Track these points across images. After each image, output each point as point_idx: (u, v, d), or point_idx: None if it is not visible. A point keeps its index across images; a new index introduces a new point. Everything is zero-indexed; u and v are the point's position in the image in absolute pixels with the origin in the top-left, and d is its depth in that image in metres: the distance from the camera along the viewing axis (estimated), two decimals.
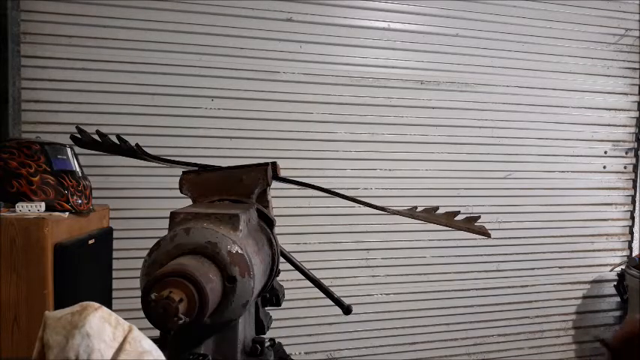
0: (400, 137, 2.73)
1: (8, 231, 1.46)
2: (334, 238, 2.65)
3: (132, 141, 1.08)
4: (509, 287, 2.95)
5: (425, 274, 2.81)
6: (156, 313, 0.56)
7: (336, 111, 2.62)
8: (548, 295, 3.03)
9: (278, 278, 0.98)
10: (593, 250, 3.11)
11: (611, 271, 3.12)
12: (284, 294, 0.99)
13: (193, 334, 0.72)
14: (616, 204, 3.13)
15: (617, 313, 3.18)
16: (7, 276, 1.47)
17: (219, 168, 0.98)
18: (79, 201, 1.67)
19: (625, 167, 3.13)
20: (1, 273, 1.46)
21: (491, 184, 2.88)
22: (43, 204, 1.56)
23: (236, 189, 0.93)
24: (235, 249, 0.67)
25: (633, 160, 3.13)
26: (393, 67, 2.69)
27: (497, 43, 2.83)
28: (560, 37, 2.94)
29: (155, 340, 0.64)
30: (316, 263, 2.55)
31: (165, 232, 0.71)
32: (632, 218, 3.15)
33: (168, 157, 1.12)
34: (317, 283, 1.04)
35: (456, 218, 1.10)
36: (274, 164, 1.01)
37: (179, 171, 0.99)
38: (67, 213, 1.60)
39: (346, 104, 2.63)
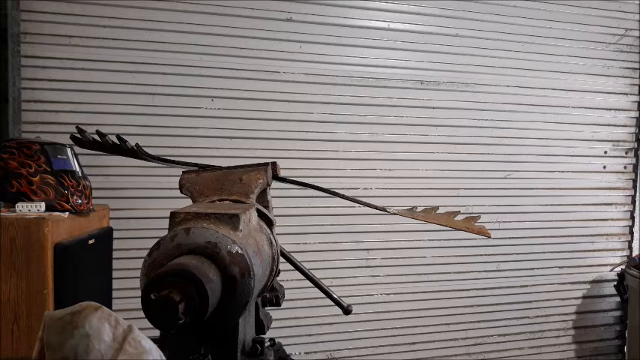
0: (400, 137, 2.73)
1: (8, 231, 1.47)
2: (334, 238, 2.65)
3: (132, 141, 1.08)
4: (509, 287, 2.95)
5: (425, 274, 2.81)
6: (156, 313, 0.56)
7: (336, 111, 2.62)
8: (548, 295, 3.03)
9: (278, 278, 0.98)
10: (593, 250, 3.11)
11: (611, 271, 3.12)
12: (284, 294, 0.99)
13: (193, 334, 0.72)
14: (616, 204, 3.13)
15: (617, 313, 3.18)
16: (7, 276, 1.47)
17: (219, 168, 0.98)
18: (79, 201, 1.67)
19: (625, 167, 3.13)
20: (1, 273, 1.46)
21: (491, 184, 2.88)
22: (43, 204, 1.56)
23: (236, 189, 0.93)
24: (235, 249, 0.67)
25: (633, 160, 3.13)
26: (393, 67, 2.69)
27: (497, 43, 2.83)
28: (560, 37, 2.94)
29: (155, 340, 0.64)
30: (316, 263, 2.55)
31: (165, 232, 0.70)
32: (632, 218, 3.15)
33: (168, 157, 1.12)
34: (317, 284, 1.04)
35: (455, 218, 1.10)
36: (274, 164, 1.01)
37: (179, 171, 0.99)
38: (67, 213, 1.60)
39: (346, 104, 2.63)
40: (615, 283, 3.07)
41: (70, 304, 0.58)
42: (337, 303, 1.04)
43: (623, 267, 3.03)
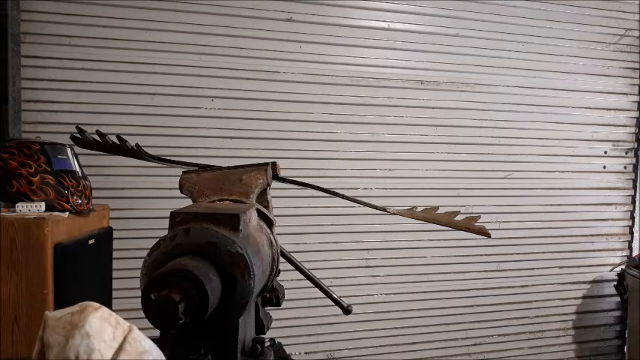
0: (400, 137, 2.73)
1: (8, 231, 1.47)
2: (334, 238, 2.65)
3: (132, 141, 1.08)
4: (509, 287, 2.95)
5: (425, 274, 2.81)
6: (156, 313, 0.56)
7: (336, 111, 2.62)
8: (548, 295, 3.03)
9: (278, 278, 0.98)
10: (593, 250, 3.11)
11: (611, 271, 3.12)
12: (284, 294, 0.99)
13: (193, 334, 0.72)
14: (616, 204, 3.13)
15: (617, 313, 3.18)
16: (7, 276, 1.47)
17: (219, 168, 0.98)
18: (79, 201, 1.67)
19: (625, 167, 3.13)
20: (1, 273, 1.47)
21: (491, 184, 2.88)
22: (43, 204, 1.56)
23: (236, 189, 0.93)
24: (235, 249, 0.67)
25: (633, 160, 3.13)
26: (393, 67, 2.69)
27: (497, 43, 2.84)
28: (560, 37, 2.94)
29: (155, 340, 0.64)
30: (316, 263, 2.55)
31: (165, 232, 0.70)
32: (632, 218, 3.15)
33: (168, 157, 1.12)
34: (317, 284, 1.04)
35: (456, 218, 1.10)
36: (274, 164, 1.01)
37: (179, 171, 0.99)
38: (67, 213, 1.61)
39: (346, 104, 2.63)
40: (615, 283, 3.07)
41: (70, 304, 0.58)
42: (337, 303, 1.04)
43: (623, 267, 3.03)
